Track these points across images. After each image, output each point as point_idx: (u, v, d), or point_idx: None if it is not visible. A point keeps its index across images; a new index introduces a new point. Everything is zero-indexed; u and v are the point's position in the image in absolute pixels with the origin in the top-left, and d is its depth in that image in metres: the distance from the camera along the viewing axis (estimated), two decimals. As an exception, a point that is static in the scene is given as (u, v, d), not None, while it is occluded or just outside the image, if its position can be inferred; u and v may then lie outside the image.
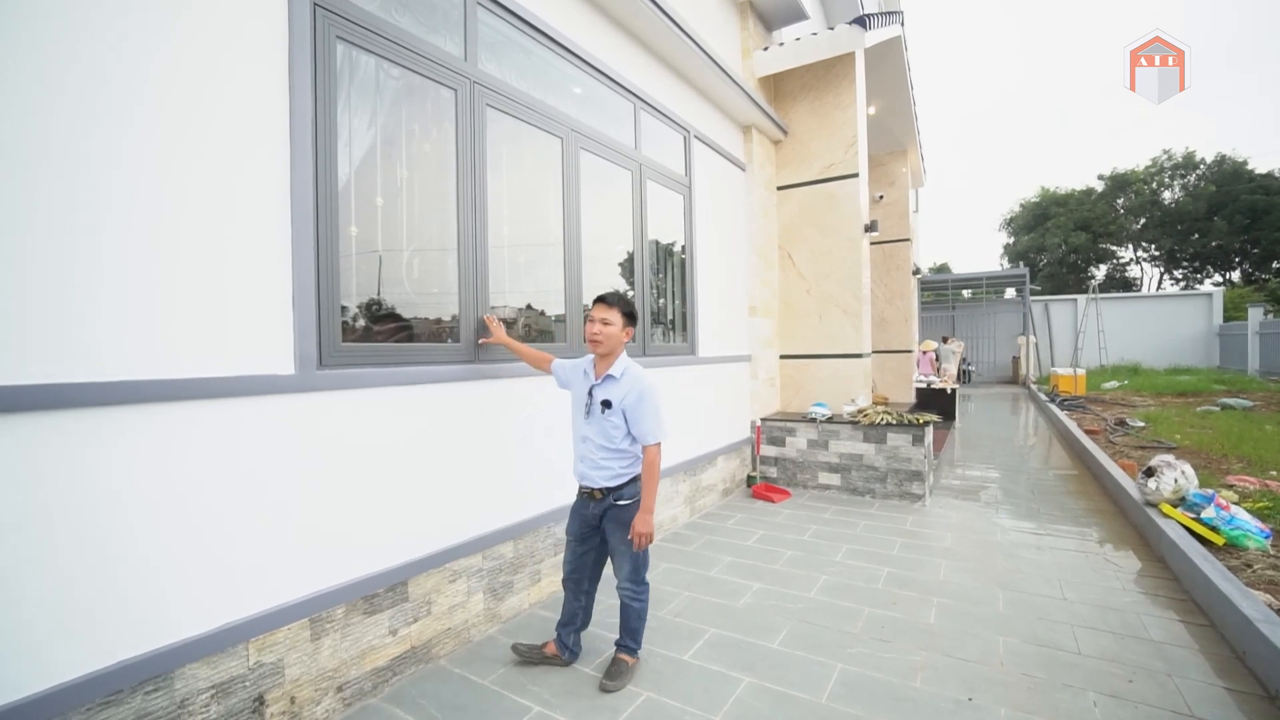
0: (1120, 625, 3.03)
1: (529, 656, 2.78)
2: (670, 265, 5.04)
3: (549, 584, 3.49)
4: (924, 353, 13.90)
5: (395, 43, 2.68)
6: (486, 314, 3.07)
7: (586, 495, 2.65)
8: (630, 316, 2.65)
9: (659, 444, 2.55)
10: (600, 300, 2.64)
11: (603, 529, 2.64)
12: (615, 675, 2.58)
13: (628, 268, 4.40)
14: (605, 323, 2.58)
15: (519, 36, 3.41)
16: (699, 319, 5.21)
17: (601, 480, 2.57)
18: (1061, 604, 3.28)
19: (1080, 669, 2.64)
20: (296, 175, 2.27)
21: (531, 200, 3.66)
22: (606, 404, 2.55)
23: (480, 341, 3.07)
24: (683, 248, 5.11)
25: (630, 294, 4.43)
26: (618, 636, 2.72)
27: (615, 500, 2.58)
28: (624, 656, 2.67)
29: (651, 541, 2.55)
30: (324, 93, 2.38)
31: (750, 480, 5.93)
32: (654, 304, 4.72)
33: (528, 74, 3.51)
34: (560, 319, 4.02)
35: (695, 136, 5.20)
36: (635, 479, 2.61)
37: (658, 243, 4.83)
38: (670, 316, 5.02)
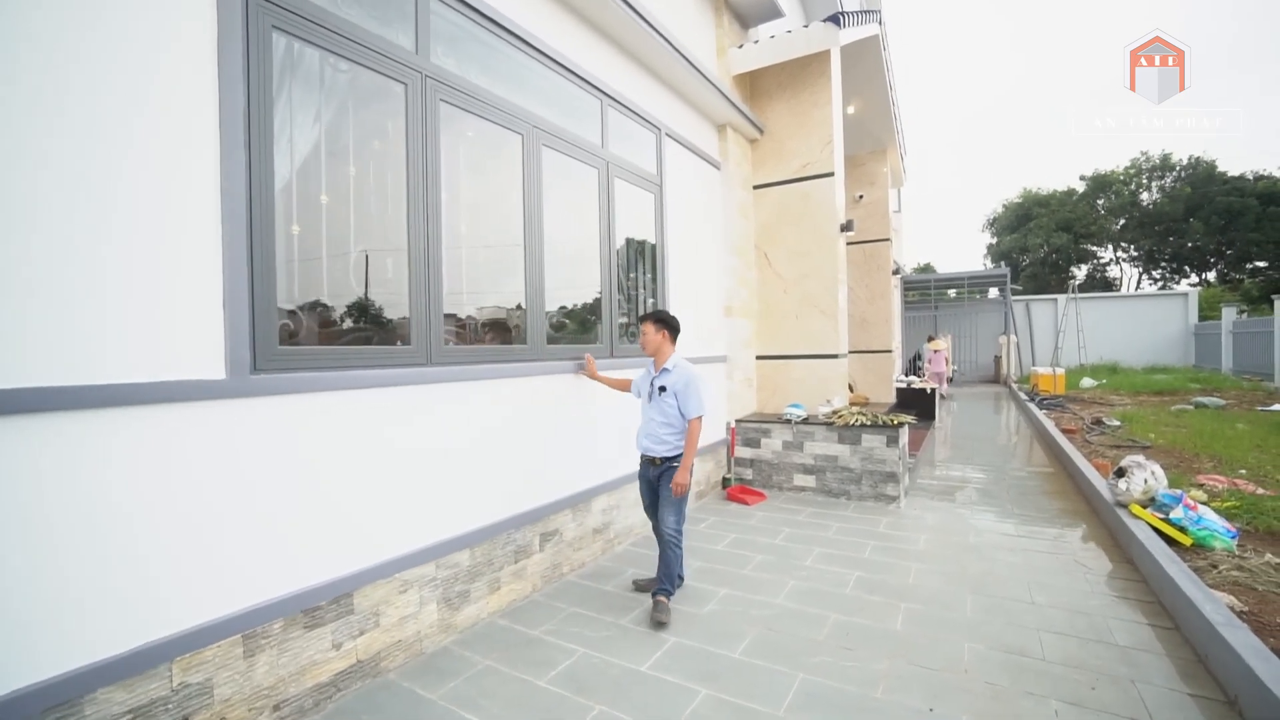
0: (1087, 629, 2.99)
1: (648, 587, 3.50)
2: (641, 265, 4.96)
3: (510, 592, 3.40)
4: (935, 351, 14.03)
5: (337, 34, 2.58)
6: (586, 355, 3.96)
7: (648, 462, 3.45)
8: (661, 323, 3.47)
9: (700, 417, 3.35)
10: (640, 319, 3.62)
11: (657, 486, 3.42)
12: (662, 612, 3.18)
13: (595, 268, 4.30)
14: (643, 333, 3.50)
15: (477, 30, 3.32)
16: (671, 319, 5.13)
17: (661, 451, 3.37)
18: (1030, 608, 3.25)
19: (1045, 676, 2.59)
20: (227, 171, 2.17)
21: (491, 198, 3.57)
22: (662, 389, 3.38)
23: (580, 373, 3.94)
24: (654, 247, 5.03)
25: (598, 291, 4.35)
26: (656, 584, 3.34)
27: (671, 465, 3.36)
28: (661, 598, 3.27)
29: (687, 490, 3.32)
30: (258, 84, 2.27)
31: (725, 482, 5.87)
32: (622, 305, 4.64)
33: (489, 69, 3.41)
34: (569, 319, 4.14)
35: (667, 134, 5.12)
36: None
37: (628, 242, 4.75)
38: (640, 318, 4.93)
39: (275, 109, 2.41)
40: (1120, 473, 4.38)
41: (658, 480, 3.43)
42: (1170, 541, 3.68)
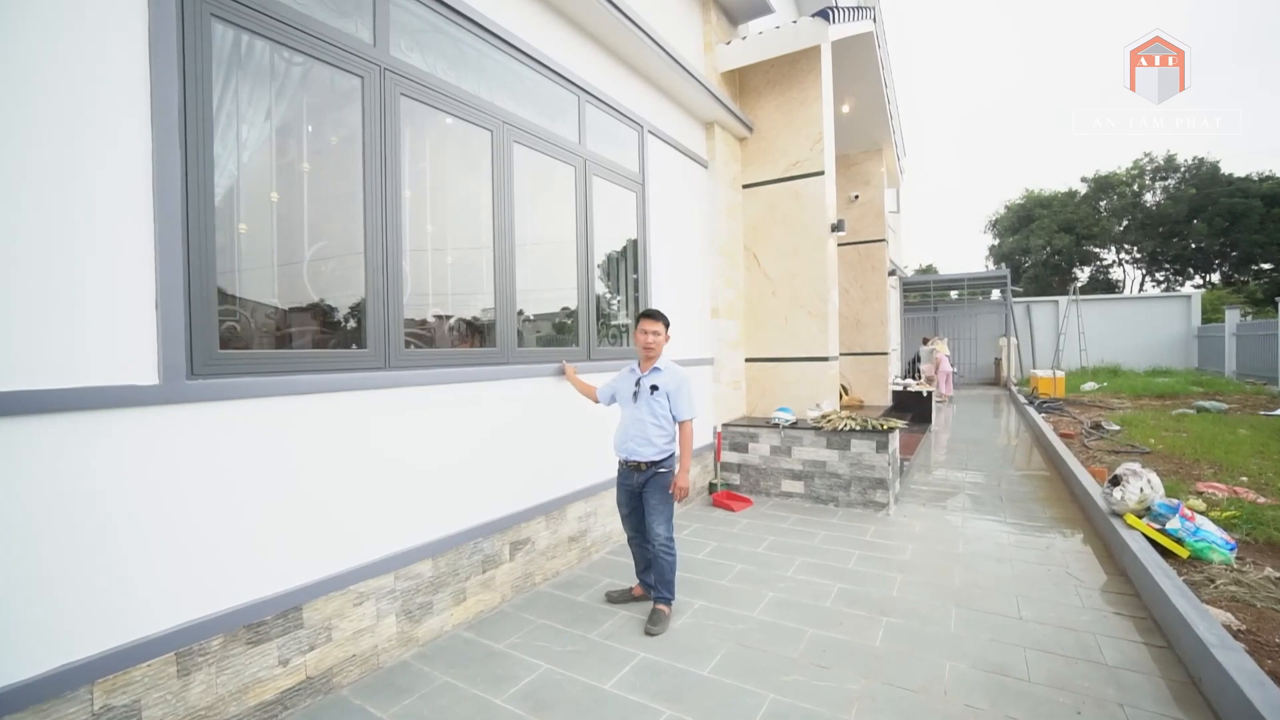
0: (1075, 647, 2.85)
1: (620, 599, 3.45)
2: (623, 266, 4.85)
3: (477, 603, 3.28)
4: (946, 355, 14.27)
5: (286, 24, 2.46)
6: (565, 363, 3.86)
7: (632, 468, 3.25)
8: (667, 324, 3.36)
9: (691, 419, 3.26)
10: (648, 316, 3.32)
11: (642, 494, 3.26)
12: (656, 622, 3.09)
13: (571, 268, 4.18)
14: (655, 334, 3.29)
15: (442, 23, 3.20)
16: (655, 321, 5.01)
17: (649, 454, 3.19)
18: (1016, 623, 3.11)
19: (1027, 698, 2.46)
20: (160, 165, 2.05)
21: (459, 196, 3.46)
22: (654, 388, 3.22)
23: (558, 371, 3.81)
24: (637, 247, 4.91)
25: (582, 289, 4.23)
26: (654, 591, 3.26)
27: (657, 470, 3.21)
28: (661, 606, 3.19)
29: (688, 494, 3.27)
30: (196, 75, 2.16)
31: (712, 488, 5.74)
32: (602, 308, 4.52)
33: (456, 63, 3.29)
34: (544, 321, 4.08)
35: (650, 132, 5.00)
36: (671, 455, 3.25)
37: (609, 242, 4.63)
38: (622, 320, 4.82)
39: (222, 102, 2.32)
40: (1115, 481, 4.24)
41: (642, 487, 3.26)
42: (1166, 553, 3.54)
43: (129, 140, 1.99)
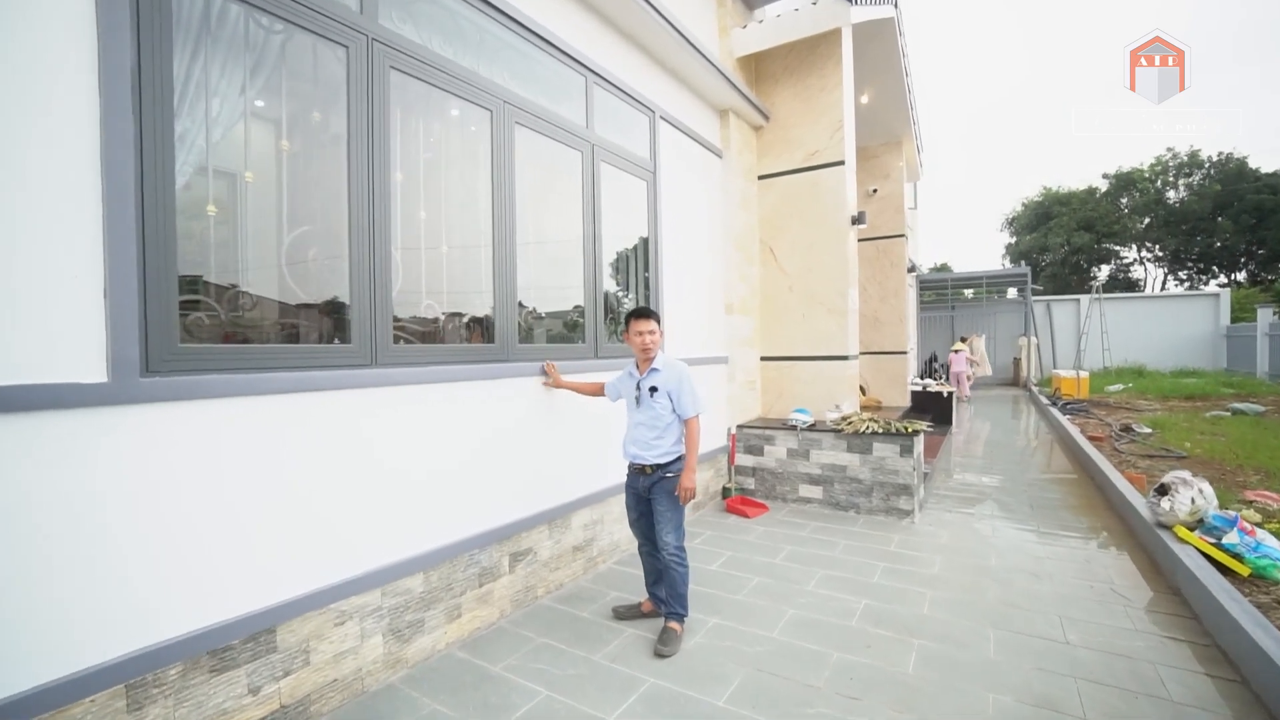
0: (1131, 678, 2.56)
1: (628, 615, 3.22)
2: (633, 258, 4.59)
3: (473, 620, 3.04)
4: (956, 352, 14.00)
5: (259, -19, 2.23)
6: (546, 362, 3.48)
7: (638, 470, 3.10)
8: (659, 321, 3.14)
9: (698, 415, 3.07)
10: (641, 315, 3.08)
11: (650, 499, 3.06)
12: (667, 642, 2.87)
13: (577, 259, 3.93)
14: (652, 333, 3.06)
15: (438, -10, 2.96)
16: (664, 317, 4.75)
17: (652, 458, 3.02)
18: (1062, 649, 2.82)
19: (1084, 739, 2.18)
20: (110, 141, 1.82)
21: (455, 179, 3.22)
22: (654, 389, 3.03)
23: (544, 384, 3.47)
24: (647, 239, 4.65)
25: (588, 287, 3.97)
26: (665, 606, 3.04)
27: (664, 474, 3.02)
28: (673, 625, 2.96)
29: (695, 496, 3.01)
30: (153, 41, 1.93)
31: (726, 492, 5.47)
32: (611, 302, 4.27)
33: (452, 37, 3.06)
34: (547, 317, 3.82)
35: (662, 118, 4.74)
36: (679, 457, 3.05)
37: (617, 233, 4.36)
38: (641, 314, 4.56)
39: (190, 72, 2.09)
40: (1162, 490, 3.92)
41: (649, 491, 3.07)
42: (1223, 571, 3.23)
43: (70, 106, 1.76)
